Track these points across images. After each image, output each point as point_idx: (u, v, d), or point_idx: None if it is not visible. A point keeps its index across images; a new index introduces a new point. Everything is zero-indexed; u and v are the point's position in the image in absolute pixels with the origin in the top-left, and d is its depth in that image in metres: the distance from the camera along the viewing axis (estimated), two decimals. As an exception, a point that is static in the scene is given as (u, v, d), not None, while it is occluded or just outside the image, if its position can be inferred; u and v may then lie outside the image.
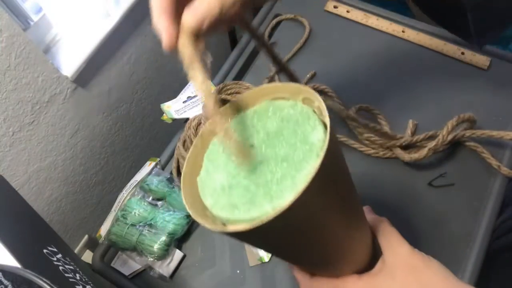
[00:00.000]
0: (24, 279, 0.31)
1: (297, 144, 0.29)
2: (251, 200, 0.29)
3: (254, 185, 0.29)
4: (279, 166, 0.29)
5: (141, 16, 1.02)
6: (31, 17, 0.86)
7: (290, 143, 0.30)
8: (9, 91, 0.77)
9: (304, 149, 0.29)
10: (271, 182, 0.28)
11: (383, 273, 0.34)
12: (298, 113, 0.31)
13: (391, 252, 0.35)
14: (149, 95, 1.15)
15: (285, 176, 0.28)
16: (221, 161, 0.33)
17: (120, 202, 0.71)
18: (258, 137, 0.32)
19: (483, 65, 0.71)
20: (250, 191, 0.29)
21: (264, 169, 0.30)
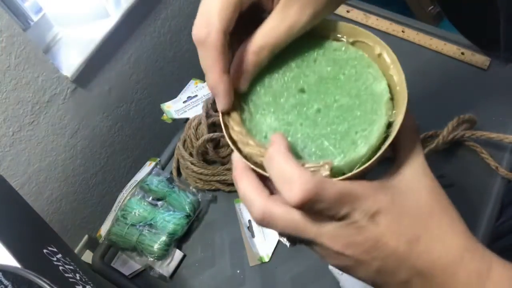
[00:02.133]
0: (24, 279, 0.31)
1: (361, 94, 0.28)
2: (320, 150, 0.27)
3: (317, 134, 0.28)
4: (342, 117, 0.28)
5: (141, 16, 1.02)
6: (31, 17, 0.86)
7: (351, 92, 0.28)
8: (9, 91, 0.77)
9: (370, 100, 0.28)
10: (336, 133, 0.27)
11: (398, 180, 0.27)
12: (354, 58, 0.29)
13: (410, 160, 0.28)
14: (149, 95, 1.15)
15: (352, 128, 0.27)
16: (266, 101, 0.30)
17: (120, 202, 0.71)
18: (307, 80, 0.29)
19: (483, 65, 0.71)
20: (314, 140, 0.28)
21: (324, 118, 0.28)
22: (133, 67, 1.06)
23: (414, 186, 0.27)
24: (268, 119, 0.29)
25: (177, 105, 0.79)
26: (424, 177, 0.27)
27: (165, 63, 1.17)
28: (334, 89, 0.29)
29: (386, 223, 0.25)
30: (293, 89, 0.29)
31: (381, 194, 0.26)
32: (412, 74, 0.74)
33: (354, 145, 0.27)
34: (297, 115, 0.29)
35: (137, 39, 1.03)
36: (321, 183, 0.24)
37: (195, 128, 0.70)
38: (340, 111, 0.28)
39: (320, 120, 0.28)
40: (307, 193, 0.23)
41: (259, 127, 0.29)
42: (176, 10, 1.12)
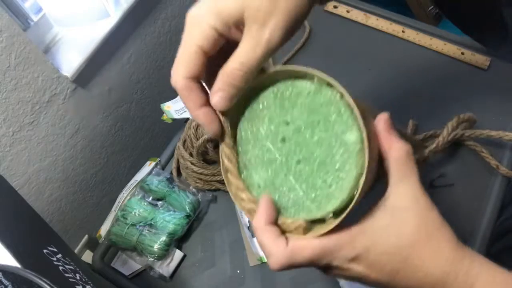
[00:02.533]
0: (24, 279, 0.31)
1: (332, 145, 0.29)
2: (299, 204, 0.30)
3: (297, 188, 0.30)
4: (319, 170, 0.29)
5: (141, 16, 1.02)
6: (31, 17, 0.86)
7: (325, 144, 0.29)
8: (9, 91, 0.77)
9: (340, 152, 0.29)
10: (315, 187, 0.29)
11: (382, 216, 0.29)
12: (325, 103, 0.30)
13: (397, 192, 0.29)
14: (149, 95, 1.15)
15: (327, 182, 0.29)
16: (255, 153, 0.32)
17: (120, 202, 0.71)
18: (288, 129, 0.31)
19: (483, 65, 0.71)
20: (297, 195, 0.30)
21: (304, 169, 0.30)
22: (133, 67, 1.06)
23: (398, 220, 0.28)
24: (259, 170, 0.32)
25: (177, 105, 0.79)
26: (411, 208, 0.28)
27: (165, 63, 1.17)
28: (310, 139, 0.30)
29: (366, 264, 0.28)
30: (276, 140, 0.31)
31: (358, 240, 0.28)
32: (412, 74, 0.75)
33: (328, 198, 0.29)
34: (281, 166, 0.31)
35: (137, 39, 1.03)
36: (292, 254, 0.28)
37: (195, 128, 0.70)
38: (316, 163, 0.30)
39: (300, 172, 0.30)
40: (280, 265, 0.29)
41: (251, 179, 0.32)
42: (176, 10, 1.12)
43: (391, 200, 0.29)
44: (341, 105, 0.29)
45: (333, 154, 0.29)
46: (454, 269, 0.27)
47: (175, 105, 0.79)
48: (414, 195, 0.29)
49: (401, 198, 0.29)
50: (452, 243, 0.28)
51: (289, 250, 0.29)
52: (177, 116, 0.77)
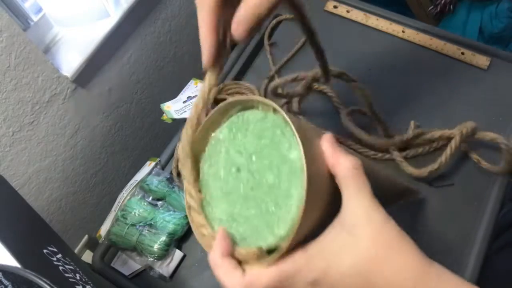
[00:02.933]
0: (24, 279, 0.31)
1: (279, 166, 0.29)
2: (255, 232, 0.30)
3: (253, 215, 0.30)
4: (269, 195, 0.29)
5: (141, 16, 1.02)
6: (31, 17, 0.86)
7: (273, 165, 0.30)
8: (9, 91, 0.77)
9: (286, 172, 0.29)
10: (268, 212, 0.29)
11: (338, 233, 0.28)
12: (271, 127, 0.30)
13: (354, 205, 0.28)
14: (149, 95, 1.15)
15: (277, 205, 0.29)
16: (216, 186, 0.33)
17: (120, 202, 0.71)
18: (241, 158, 0.32)
19: (483, 65, 0.71)
20: (251, 221, 0.30)
21: (256, 195, 0.30)
22: (133, 67, 1.06)
23: (352, 238, 0.27)
24: (220, 204, 0.33)
25: (177, 105, 0.79)
26: (368, 223, 0.27)
27: (165, 63, 1.17)
28: (261, 164, 0.31)
29: (326, 285, 0.27)
30: (232, 171, 0.32)
31: (314, 262, 0.27)
32: (412, 74, 0.75)
33: (279, 222, 0.29)
34: (237, 197, 0.31)
35: (137, 39, 1.03)
36: (250, 283, 0.28)
37: (195, 128, 0.70)
38: (267, 187, 0.30)
39: (254, 199, 0.30)
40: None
41: (213, 214, 0.33)
42: (176, 10, 1.12)
43: (344, 217, 0.28)
44: (283, 126, 0.30)
45: (281, 174, 0.29)
46: (420, 282, 0.26)
47: (175, 105, 0.79)
48: (366, 210, 0.28)
49: (353, 214, 0.28)
50: (415, 256, 0.27)
51: (246, 280, 0.28)
52: (177, 116, 0.77)
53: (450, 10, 1.39)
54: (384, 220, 0.28)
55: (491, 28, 1.29)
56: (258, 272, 0.28)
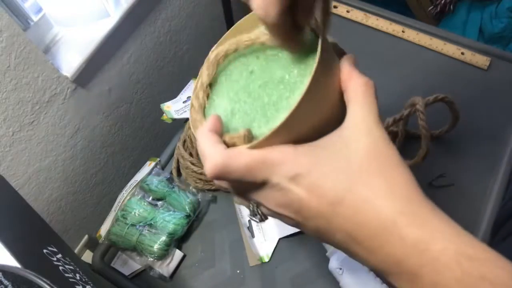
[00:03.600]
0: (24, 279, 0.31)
1: (294, 65, 0.30)
2: (250, 123, 0.30)
3: (253, 109, 0.30)
4: (275, 89, 0.30)
5: (141, 16, 1.02)
6: (31, 17, 0.86)
7: (287, 65, 0.30)
8: (9, 91, 0.77)
9: (299, 69, 0.29)
10: (268, 104, 0.29)
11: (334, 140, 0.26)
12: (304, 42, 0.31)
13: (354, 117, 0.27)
14: (149, 95, 1.15)
15: (280, 97, 0.29)
16: (224, 89, 0.33)
17: (120, 202, 0.71)
18: (257, 62, 0.32)
19: (483, 65, 0.72)
20: (249, 114, 0.30)
21: (262, 92, 0.30)
22: (133, 67, 1.06)
23: (352, 145, 0.25)
24: (224, 101, 0.33)
25: (177, 105, 0.79)
26: (367, 136, 0.26)
27: (165, 63, 1.17)
28: (275, 65, 0.31)
29: (307, 185, 0.25)
30: (246, 72, 0.32)
31: (303, 157, 0.25)
32: (412, 74, 0.75)
33: (277, 112, 0.29)
34: (243, 93, 0.32)
35: (137, 39, 1.03)
36: (228, 158, 0.26)
37: (195, 128, 0.70)
38: (274, 83, 0.30)
39: (258, 94, 0.31)
40: (215, 168, 0.26)
41: (217, 109, 0.33)
42: (176, 10, 1.12)
43: (345, 128, 0.27)
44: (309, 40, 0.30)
45: (293, 72, 0.29)
46: (409, 210, 0.23)
47: (175, 105, 0.79)
48: (368, 126, 0.26)
49: (354, 127, 0.26)
50: (410, 184, 0.25)
51: (226, 154, 0.26)
52: (177, 116, 0.77)
53: (450, 10, 1.39)
54: (385, 140, 0.26)
55: (491, 28, 1.29)
56: (241, 150, 0.26)
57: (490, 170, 0.63)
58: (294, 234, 0.63)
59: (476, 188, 0.62)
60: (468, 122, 0.67)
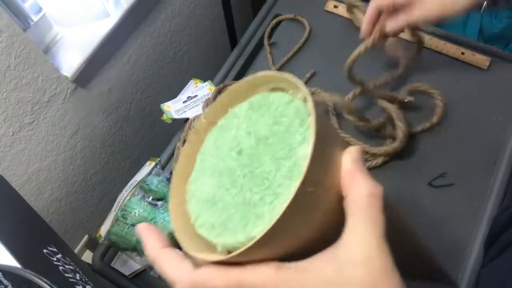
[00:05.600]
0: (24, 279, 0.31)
1: (283, 158, 0.25)
2: (226, 222, 0.25)
3: (233, 204, 0.25)
4: (259, 185, 0.25)
5: (141, 16, 1.02)
6: (31, 17, 0.86)
7: (276, 156, 0.25)
8: (9, 91, 0.77)
9: (288, 167, 0.24)
10: (249, 205, 0.24)
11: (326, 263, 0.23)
12: (292, 114, 0.26)
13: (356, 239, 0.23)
14: (149, 95, 1.15)
15: (263, 199, 0.24)
16: (212, 162, 0.29)
17: (120, 202, 0.71)
18: (247, 141, 0.27)
19: (483, 65, 0.71)
20: (229, 211, 0.25)
21: (246, 185, 0.25)
22: (133, 67, 1.06)
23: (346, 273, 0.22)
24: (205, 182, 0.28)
25: (177, 105, 0.79)
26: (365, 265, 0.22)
27: (165, 63, 1.17)
28: (264, 151, 0.26)
29: None
30: (234, 151, 0.28)
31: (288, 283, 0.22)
32: (412, 74, 0.75)
33: (257, 218, 0.24)
34: (227, 178, 0.27)
35: (137, 39, 1.03)
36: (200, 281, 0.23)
37: (195, 128, 0.70)
38: (260, 177, 0.25)
39: (242, 186, 0.26)
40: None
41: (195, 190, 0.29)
42: (176, 10, 1.12)
43: (340, 249, 0.23)
44: (305, 117, 0.25)
45: (280, 168, 0.24)
46: None
47: (175, 105, 0.79)
48: (368, 251, 0.22)
49: (352, 251, 0.22)
50: None
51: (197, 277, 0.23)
52: (177, 116, 0.77)
53: (450, 10, 1.39)
54: (386, 270, 0.22)
55: (491, 28, 1.29)
56: (215, 271, 0.23)
57: (490, 170, 0.63)
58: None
59: (476, 188, 0.62)
60: (468, 122, 0.67)
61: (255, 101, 0.29)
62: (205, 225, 0.26)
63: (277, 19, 0.85)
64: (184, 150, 0.31)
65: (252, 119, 0.28)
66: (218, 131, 0.30)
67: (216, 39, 1.34)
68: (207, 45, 1.31)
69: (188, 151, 0.31)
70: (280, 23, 0.85)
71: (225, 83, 0.79)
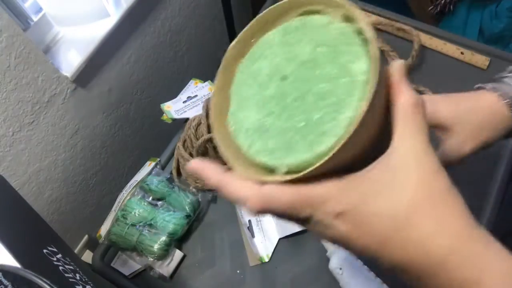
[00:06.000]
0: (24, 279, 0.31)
1: (336, 77, 0.26)
2: (288, 145, 0.26)
3: (290, 128, 0.26)
4: (317, 105, 0.26)
5: (141, 16, 1.02)
6: (31, 17, 0.86)
7: (328, 76, 0.26)
8: (9, 91, 0.77)
9: (345, 83, 0.25)
10: (309, 124, 0.25)
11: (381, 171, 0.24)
12: (336, 35, 0.26)
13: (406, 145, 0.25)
14: (149, 95, 1.15)
15: (323, 117, 0.25)
16: (251, 94, 0.29)
17: (120, 202, 0.71)
18: (290, 66, 0.28)
19: (483, 64, 0.72)
20: (286, 134, 0.26)
21: (300, 106, 0.26)
22: (133, 67, 1.06)
23: (400, 177, 0.24)
24: (251, 111, 0.28)
25: (177, 105, 0.79)
26: (416, 168, 0.24)
27: (165, 63, 1.17)
28: (313, 72, 0.27)
29: (352, 223, 0.24)
30: (276, 78, 0.28)
31: (348, 193, 0.24)
32: (412, 73, 0.75)
33: (321, 137, 0.25)
34: (275, 105, 0.27)
35: (137, 39, 1.03)
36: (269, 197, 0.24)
37: (195, 128, 0.70)
38: (315, 98, 0.26)
39: (295, 110, 0.26)
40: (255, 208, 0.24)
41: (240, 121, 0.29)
42: (176, 10, 1.12)
43: (392, 157, 0.24)
44: (352, 36, 0.26)
45: (337, 87, 0.25)
46: (460, 249, 0.23)
47: (175, 105, 0.79)
48: (418, 154, 0.24)
49: (403, 156, 0.24)
50: (462, 218, 0.24)
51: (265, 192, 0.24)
52: (177, 116, 0.77)
53: (450, 10, 1.39)
54: (435, 169, 0.24)
55: (491, 28, 1.29)
56: (282, 188, 0.24)
57: (490, 170, 0.63)
58: (294, 234, 0.63)
59: (476, 188, 0.62)
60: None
61: (289, 26, 0.29)
62: (262, 151, 0.27)
63: (277, 19, 0.85)
64: (217, 84, 0.31)
65: (289, 45, 0.28)
66: (250, 61, 0.30)
67: (216, 39, 1.34)
68: (207, 45, 1.31)
69: (221, 84, 0.30)
70: (280, 23, 0.85)
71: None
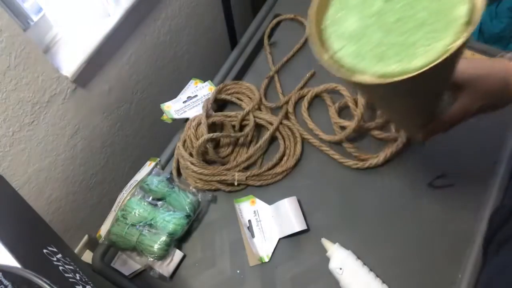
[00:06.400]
0: (24, 279, 0.31)
1: (440, 12, 0.29)
2: (380, 55, 0.30)
3: (386, 41, 0.30)
4: (416, 30, 0.29)
5: (141, 16, 1.02)
6: (31, 17, 0.86)
7: (432, 9, 0.30)
8: (9, 91, 0.77)
9: (446, 20, 0.29)
10: (404, 43, 0.29)
11: None
12: None
13: None
14: (149, 95, 1.15)
15: (419, 41, 0.29)
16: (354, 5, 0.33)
17: (120, 202, 0.71)
18: None
19: (483, 65, 0.71)
20: (381, 46, 0.30)
21: (399, 27, 0.30)
22: (133, 67, 1.06)
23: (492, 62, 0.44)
24: (350, 19, 0.32)
25: (177, 105, 0.79)
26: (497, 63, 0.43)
27: (165, 63, 1.17)
28: (418, 3, 0.30)
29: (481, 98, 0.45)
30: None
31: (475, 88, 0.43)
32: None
33: (412, 57, 0.29)
34: (376, 21, 0.31)
35: (137, 39, 1.03)
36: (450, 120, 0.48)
37: (195, 128, 0.70)
38: (415, 23, 0.30)
39: (394, 29, 0.30)
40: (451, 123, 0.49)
41: (339, 25, 0.32)
42: (176, 10, 1.12)
43: None
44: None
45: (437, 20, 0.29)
46: None
47: (175, 105, 0.79)
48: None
49: None
50: None
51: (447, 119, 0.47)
52: (177, 116, 0.77)
53: (450, 10, 1.39)
54: None
55: (491, 28, 1.29)
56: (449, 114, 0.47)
57: (490, 170, 0.63)
58: (294, 234, 0.63)
59: (476, 188, 0.62)
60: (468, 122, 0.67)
61: None
62: (352, 55, 0.31)
63: (277, 19, 0.85)
64: None
65: None
66: None
67: (216, 39, 1.34)
68: (207, 45, 1.31)
69: None
70: (280, 23, 0.85)
71: (225, 83, 0.79)
